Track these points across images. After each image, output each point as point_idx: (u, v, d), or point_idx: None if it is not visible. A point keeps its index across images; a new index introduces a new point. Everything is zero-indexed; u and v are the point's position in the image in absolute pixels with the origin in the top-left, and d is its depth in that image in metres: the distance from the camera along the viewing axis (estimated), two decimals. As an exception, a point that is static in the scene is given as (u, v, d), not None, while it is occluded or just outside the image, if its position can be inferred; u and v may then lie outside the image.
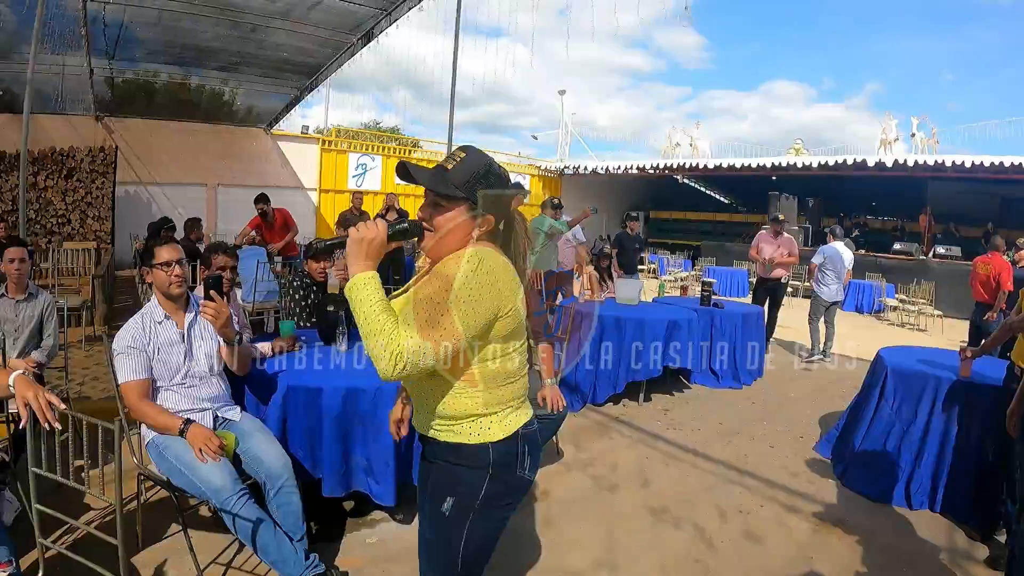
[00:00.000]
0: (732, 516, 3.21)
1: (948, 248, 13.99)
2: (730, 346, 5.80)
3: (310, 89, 10.74)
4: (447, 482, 1.47)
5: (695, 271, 15.76)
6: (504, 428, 1.46)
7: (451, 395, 1.43)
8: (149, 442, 2.35)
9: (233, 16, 7.38)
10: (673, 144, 21.31)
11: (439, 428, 1.46)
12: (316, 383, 2.52)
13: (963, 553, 3.02)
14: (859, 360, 7.12)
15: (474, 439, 1.44)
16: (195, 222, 7.43)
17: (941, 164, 13.42)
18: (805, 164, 15.92)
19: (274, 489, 2.28)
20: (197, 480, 2.17)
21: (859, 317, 11.82)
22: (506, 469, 1.46)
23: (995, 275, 5.99)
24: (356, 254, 1.34)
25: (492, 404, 1.44)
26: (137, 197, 12.13)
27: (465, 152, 1.45)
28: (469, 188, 1.41)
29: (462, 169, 1.42)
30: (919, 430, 3.55)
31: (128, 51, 8.49)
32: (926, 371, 3.61)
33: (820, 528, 3.15)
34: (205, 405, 2.44)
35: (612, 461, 3.80)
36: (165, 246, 2.44)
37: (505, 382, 1.46)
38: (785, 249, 7.14)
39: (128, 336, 2.33)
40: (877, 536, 3.10)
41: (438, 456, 1.49)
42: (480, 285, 1.33)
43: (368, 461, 2.52)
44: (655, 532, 3.00)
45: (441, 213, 1.42)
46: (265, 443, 2.38)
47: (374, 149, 16.67)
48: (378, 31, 7.87)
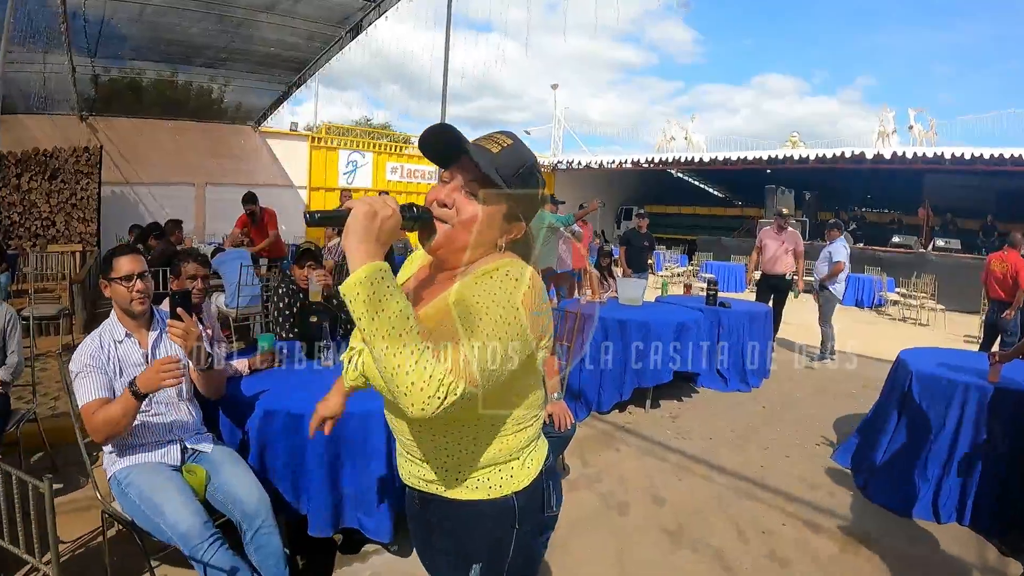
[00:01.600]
0: (752, 536, 2.98)
1: (947, 241, 13.87)
2: (737, 347, 5.59)
3: (299, 85, 10.48)
4: (464, 549, 1.20)
5: (692, 266, 15.57)
6: (527, 472, 1.20)
7: (471, 440, 1.14)
8: (111, 477, 2.08)
9: (219, 10, 7.11)
10: (668, 138, 21.08)
11: (447, 483, 1.18)
12: (298, 407, 2.23)
13: (994, 570, 2.84)
14: (863, 358, 6.96)
15: (494, 492, 1.17)
16: (176, 223, 7.14)
17: (940, 156, 13.24)
18: (802, 157, 15.74)
19: (251, 530, 2.01)
20: (162, 523, 1.90)
21: (860, 312, 11.66)
22: (533, 515, 1.22)
23: (1012, 273, 5.81)
24: (364, 233, 0.95)
25: (516, 448, 1.18)
26: (123, 198, 11.82)
27: (511, 139, 1.14)
28: (514, 183, 1.10)
29: (510, 157, 1.11)
30: (947, 439, 3.35)
31: (111, 48, 8.22)
32: (953, 377, 3.40)
33: (846, 547, 2.94)
34: (173, 435, 2.16)
35: (620, 475, 3.57)
36: (125, 256, 2.14)
37: (532, 420, 1.21)
38: (790, 244, 6.92)
39: (85, 355, 2.06)
40: (906, 554, 2.90)
41: (446, 518, 1.21)
42: (530, 306, 1.05)
43: (359, 494, 2.25)
44: (672, 558, 2.76)
45: (473, 204, 1.10)
46: (240, 477, 2.11)
47: (364, 146, 16.37)
48: (367, 23, 7.63)
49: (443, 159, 1.14)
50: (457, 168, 1.11)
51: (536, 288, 1.08)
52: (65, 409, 3.90)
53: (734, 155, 17.32)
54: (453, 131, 1.07)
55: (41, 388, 3.79)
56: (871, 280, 12.34)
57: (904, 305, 11.04)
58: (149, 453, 2.11)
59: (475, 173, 1.08)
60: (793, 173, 16.96)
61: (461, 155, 1.10)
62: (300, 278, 3.25)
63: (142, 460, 2.09)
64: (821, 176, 17.37)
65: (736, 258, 15.07)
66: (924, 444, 3.42)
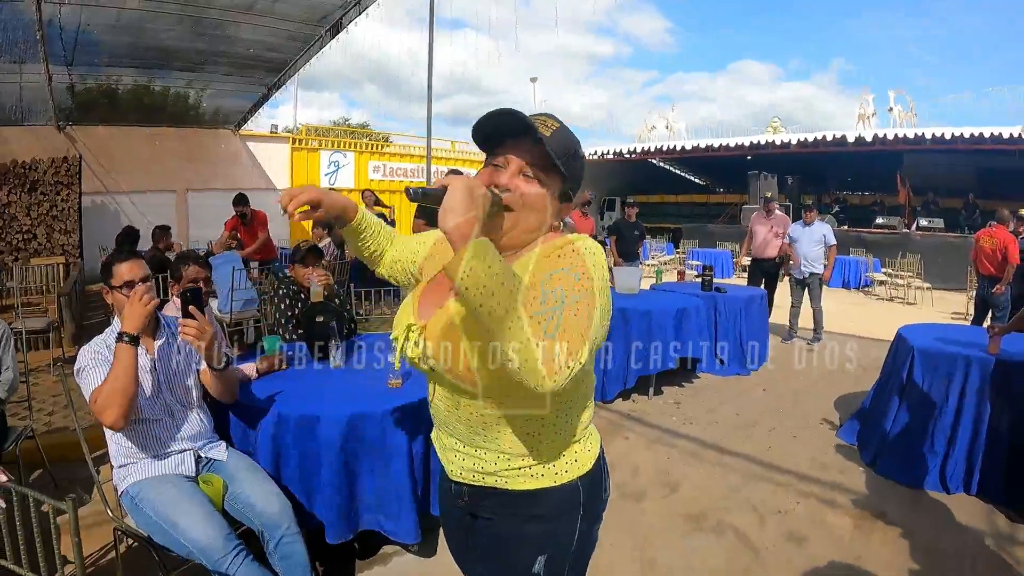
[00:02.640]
0: (770, 517, 2.98)
1: (930, 220, 14.02)
2: (735, 332, 5.61)
3: (278, 86, 10.32)
4: (527, 542, 1.16)
5: (678, 254, 15.62)
6: (590, 455, 1.18)
7: (538, 424, 1.11)
8: (123, 492, 2.00)
9: (195, 13, 6.98)
10: (649, 127, 21.17)
11: (511, 474, 1.14)
12: (312, 409, 2.18)
13: (1006, 537, 2.88)
14: (856, 338, 7.03)
15: (561, 478, 1.14)
16: (164, 230, 6.99)
17: (921, 137, 13.42)
18: (784, 142, 15.87)
19: (274, 539, 1.95)
20: (181, 538, 1.83)
21: (847, 293, 11.78)
22: (595, 500, 1.20)
23: (1001, 248, 5.88)
24: (466, 211, 0.90)
25: (580, 428, 1.16)
26: (104, 207, 11.61)
27: (557, 122, 1.11)
28: (567, 164, 1.09)
29: (561, 139, 1.09)
30: (951, 412, 3.39)
31: (87, 56, 8.05)
32: (955, 351, 3.43)
33: (861, 522, 2.96)
34: (184, 444, 2.09)
35: (632, 464, 3.55)
36: (126, 262, 2.05)
37: (591, 397, 1.20)
38: (779, 228, 6.97)
39: (90, 352, 1.98)
40: (918, 526, 2.93)
41: (505, 511, 1.16)
42: (605, 281, 1.03)
43: (379, 496, 2.19)
44: (693, 544, 2.75)
45: (534, 186, 1.09)
46: (259, 485, 2.04)
47: (346, 146, 16.23)
48: (347, 21, 7.53)
49: (493, 143, 1.12)
50: (513, 152, 1.09)
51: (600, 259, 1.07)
52: (60, 424, 3.84)
53: (716, 142, 17.42)
54: (519, 115, 1.04)
55: (35, 404, 3.70)
56: (857, 261, 12.46)
57: (891, 285, 11.16)
58: (162, 464, 2.04)
59: (535, 157, 1.08)
60: (775, 158, 17.08)
61: (514, 139, 1.09)
62: (303, 278, 3.19)
63: (155, 473, 2.02)
64: (802, 160, 17.51)
65: (721, 244, 15.15)
66: (929, 418, 3.45)
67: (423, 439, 2.27)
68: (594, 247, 1.07)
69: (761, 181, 15.69)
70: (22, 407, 3.43)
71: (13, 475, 2.81)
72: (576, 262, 1.01)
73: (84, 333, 6.16)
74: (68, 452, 3.12)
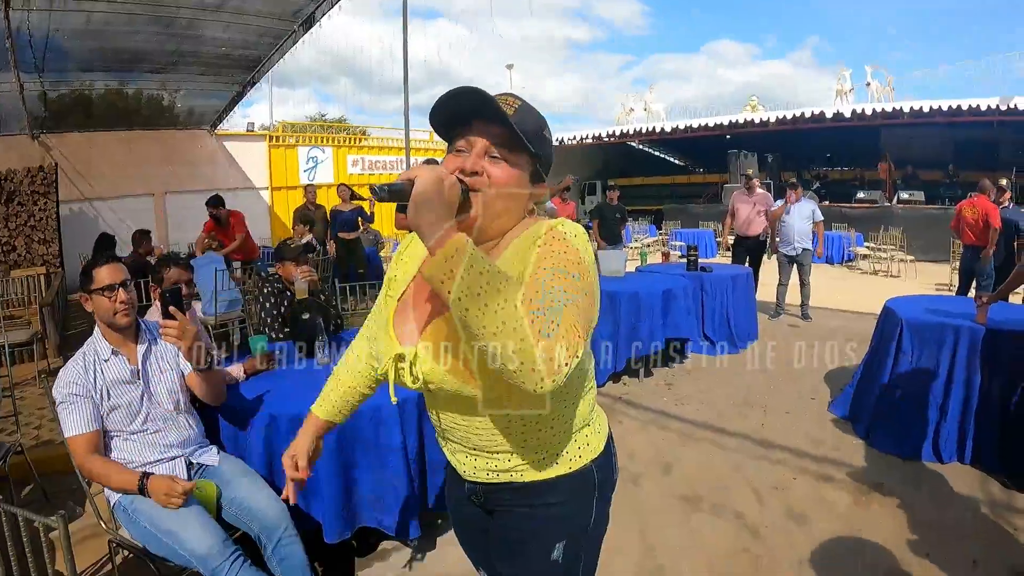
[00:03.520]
0: (767, 495, 2.99)
1: (911, 193, 14.15)
2: (722, 310, 5.62)
3: (252, 84, 10.16)
4: (542, 531, 1.14)
5: (661, 235, 15.65)
6: (599, 437, 1.17)
7: (548, 414, 1.09)
8: (115, 504, 1.95)
9: (166, 13, 6.82)
10: (627, 110, 21.14)
11: (526, 467, 1.11)
12: (303, 408, 2.08)
13: (1003, 505, 2.90)
14: (843, 312, 7.08)
15: (575, 464, 1.12)
16: (144, 234, 6.85)
17: (899, 111, 13.51)
18: (763, 120, 15.91)
19: (272, 543, 1.91)
20: (178, 547, 1.79)
21: (831, 268, 11.87)
22: (608, 480, 1.19)
23: (983, 216, 5.93)
24: (438, 203, 0.85)
25: (587, 411, 1.15)
26: (83, 215, 11.41)
27: (519, 99, 1.06)
28: (536, 142, 1.04)
29: (526, 117, 1.03)
30: (941, 382, 3.42)
31: (58, 63, 7.86)
32: (943, 321, 3.46)
33: (859, 496, 2.98)
34: (174, 452, 2.05)
35: (628, 448, 3.55)
36: (105, 266, 1.99)
37: (593, 379, 1.18)
38: (761, 205, 6.96)
39: (68, 382, 1.92)
40: (915, 497, 2.95)
41: (518, 503, 1.14)
42: (594, 264, 1.00)
43: (376, 493, 2.16)
44: (694, 525, 2.75)
45: (504, 169, 1.03)
46: (253, 488, 2.00)
47: (323, 141, 16.07)
48: (320, 15, 7.40)
49: (453, 127, 1.06)
50: (477, 133, 1.03)
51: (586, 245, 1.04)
52: (48, 438, 3.77)
53: (695, 122, 17.43)
54: (480, 92, 0.97)
55: (22, 418, 3.62)
56: (840, 236, 12.56)
57: (874, 259, 11.26)
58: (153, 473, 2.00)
59: (500, 136, 1.01)
60: (754, 137, 17.15)
61: (476, 120, 1.02)
62: (290, 276, 3.14)
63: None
64: (781, 138, 17.58)
65: (704, 224, 15.21)
66: (920, 389, 3.47)
67: (417, 433, 2.24)
68: (577, 230, 1.03)
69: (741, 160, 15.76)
70: (9, 422, 3.35)
71: (5, 492, 2.76)
72: (569, 252, 0.96)
73: (68, 343, 6.06)
74: (58, 464, 3.05)
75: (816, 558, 2.48)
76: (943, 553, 2.47)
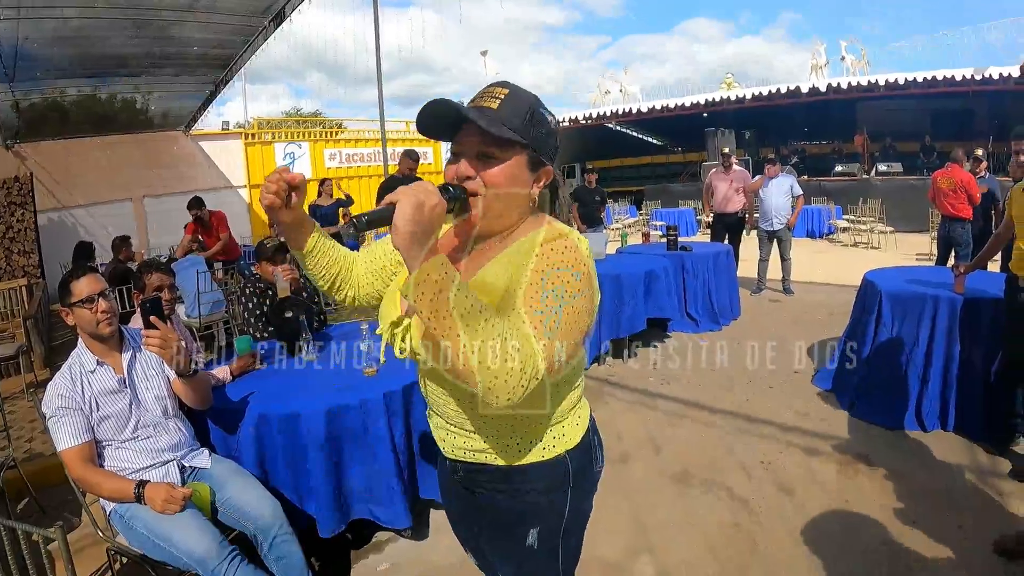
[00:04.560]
0: (755, 469, 3.04)
1: (889, 165, 14.25)
2: (704, 289, 5.68)
3: (225, 82, 10.01)
4: (519, 516, 1.17)
5: (641, 215, 15.70)
6: (577, 429, 1.18)
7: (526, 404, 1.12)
8: (112, 512, 1.96)
9: (136, 16, 6.68)
10: (603, 92, 21.07)
11: (499, 450, 1.14)
12: (292, 406, 2.15)
13: (987, 470, 2.97)
14: (825, 286, 7.16)
15: (548, 453, 1.14)
16: (124, 240, 6.75)
17: (875, 84, 13.58)
18: (739, 97, 15.94)
19: (268, 541, 1.93)
20: (176, 551, 1.81)
21: (812, 242, 11.99)
22: (584, 475, 1.20)
23: (960, 187, 5.98)
24: (416, 228, 0.88)
25: (567, 409, 1.16)
26: (61, 223, 11.22)
27: (506, 88, 1.07)
28: (527, 131, 1.05)
29: (512, 107, 1.05)
30: (922, 352, 3.47)
31: (29, 71, 7.68)
32: (922, 292, 3.51)
33: (845, 467, 3.04)
34: (166, 456, 2.05)
35: (616, 430, 3.58)
36: (83, 277, 1.98)
37: (580, 378, 1.19)
38: (739, 183, 6.99)
39: (57, 396, 1.92)
40: (901, 466, 3.01)
41: (498, 487, 1.17)
42: (590, 276, 1.00)
43: (368, 485, 2.18)
44: (685, 502, 2.80)
45: (494, 167, 1.04)
46: (246, 489, 2.02)
47: (300, 136, 15.88)
48: (290, 9, 7.29)
49: (446, 134, 1.09)
50: (464, 137, 1.06)
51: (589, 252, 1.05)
52: (41, 450, 3.73)
53: (671, 102, 17.41)
54: (448, 104, 1.02)
55: (13, 432, 3.59)
56: (819, 210, 12.67)
57: (854, 231, 11.38)
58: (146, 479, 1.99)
59: (483, 136, 1.03)
60: (731, 114, 17.15)
61: (464, 124, 1.05)
62: (270, 275, 3.11)
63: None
64: (758, 114, 17.60)
65: (684, 203, 15.26)
66: (901, 359, 3.53)
67: (404, 424, 2.27)
68: (579, 241, 1.04)
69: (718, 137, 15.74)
70: (1, 437, 3.32)
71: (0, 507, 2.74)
72: (577, 259, 0.99)
73: (55, 354, 6.01)
74: (51, 476, 3.04)
75: (807, 530, 2.52)
76: (930, 520, 2.53)
